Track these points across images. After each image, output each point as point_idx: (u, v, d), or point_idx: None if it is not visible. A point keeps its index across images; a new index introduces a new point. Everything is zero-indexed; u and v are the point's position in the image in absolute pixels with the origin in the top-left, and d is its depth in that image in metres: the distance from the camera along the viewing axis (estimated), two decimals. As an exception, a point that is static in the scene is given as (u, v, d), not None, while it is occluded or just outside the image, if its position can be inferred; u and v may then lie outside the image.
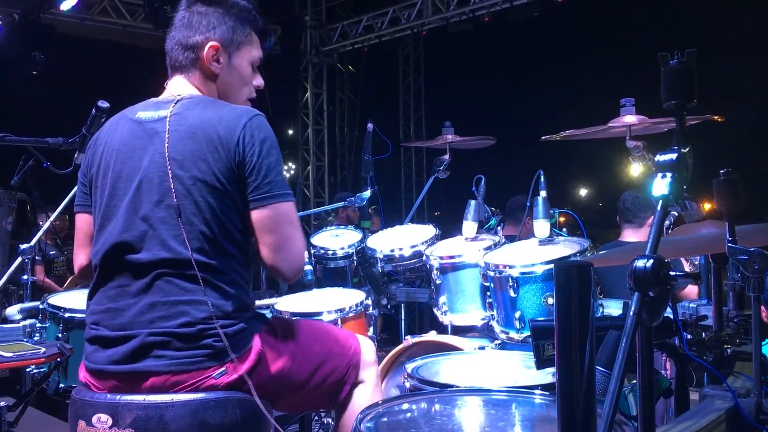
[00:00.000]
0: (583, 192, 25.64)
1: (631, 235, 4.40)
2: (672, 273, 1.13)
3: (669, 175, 1.25)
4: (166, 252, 1.91)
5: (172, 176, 1.92)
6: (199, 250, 1.90)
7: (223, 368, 1.89)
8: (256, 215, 1.96)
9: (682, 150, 1.27)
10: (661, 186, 1.25)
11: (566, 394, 1.14)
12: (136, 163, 1.98)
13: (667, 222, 3.52)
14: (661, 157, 1.27)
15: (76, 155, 2.75)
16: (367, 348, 2.33)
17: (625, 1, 12.03)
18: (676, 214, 3.53)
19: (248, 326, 1.97)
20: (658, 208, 1.23)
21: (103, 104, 2.64)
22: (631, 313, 1.14)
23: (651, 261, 1.14)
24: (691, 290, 4.13)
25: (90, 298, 2.03)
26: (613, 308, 2.85)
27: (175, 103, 2.03)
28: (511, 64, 12.86)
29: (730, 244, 1.66)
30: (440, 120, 3.88)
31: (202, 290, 1.89)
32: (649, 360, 1.17)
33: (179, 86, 2.13)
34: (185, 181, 1.92)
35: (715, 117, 3.08)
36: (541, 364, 1.93)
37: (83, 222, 2.17)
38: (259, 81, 2.25)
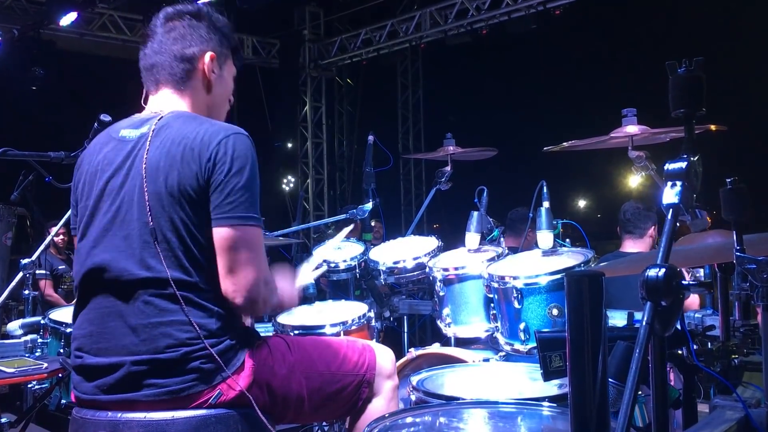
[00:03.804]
0: (581, 203, 25.66)
1: (631, 246, 4.39)
2: (684, 282, 1.12)
3: (679, 183, 1.24)
4: (146, 271, 1.87)
5: (147, 193, 1.89)
6: (177, 268, 1.87)
7: (218, 391, 1.87)
8: (216, 233, 1.90)
9: (692, 158, 1.26)
10: (670, 195, 1.24)
11: (579, 406, 1.13)
12: (117, 182, 1.96)
13: (669, 232, 3.50)
14: (670, 166, 1.27)
15: (77, 169, 2.74)
16: (384, 358, 2.29)
17: (624, 12, 12.08)
18: (678, 224, 3.52)
19: (236, 343, 1.93)
20: (669, 217, 1.22)
21: (105, 117, 2.63)
22: (644, 323, 1.12)
23: (663, 270, 1.13)
24: (693, 301, 4.12)
25: (73, 321, 2.02)
26: (617, 319, 2.82)
27: (158, 119, 2.00)
28: (510, 77, 12.90)
29: (738, 253, 1.64)
30: (439, 132, 3.88)
31: (182, 310, 1.85)
32: (662, 371, 1.15)
33: (165, 101, 2.10)
34: (160, 197, 1.89)
35: (712, 126, 3.07)
36: (548, 375, 1.92)
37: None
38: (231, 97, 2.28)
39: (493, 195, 3.21)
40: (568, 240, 2.98)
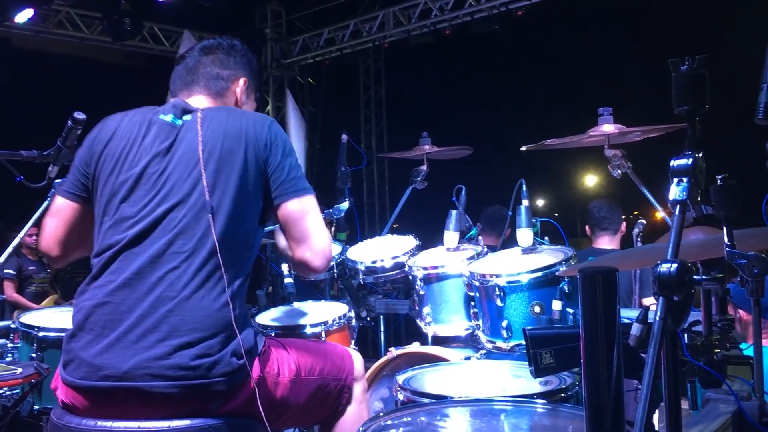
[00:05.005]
0: (540, 202, 25.99)
1: (607, 243, 4.43)
2: (697, 277, 1.13)
3: (685, 180, 1.25)
4: (188, 241, 1.88)
5: (204, 171, 1.94)
6: (220, 243, 1.89)
7: (221, 399, 1.83)
8: (282, 209, 2.04)
9: (696, 155, 1.28)
10: (677, 191, 1.25)
11: (594, 404, 1.13)
12: (163, 160, 1.98)
13: (636, 230, 3.56)
14: (675, 162, 1.28)
15: (50, 168, 2.66)
16: (358, 363, 2.34)
17: (585, 13, 12.25)
18: (645, 222, 3.58)
19: (250, 348, 1.90)
20: (677, 213, 1.23)
21: (80, 116, 2.56)
22: (658, 318, 1.13)
23: (675, 265, 1.14)
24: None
25: (83, 292, 1.93)
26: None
27: (201, 111, 2.09)
28: (474, 77, 13.00)
29: (728, 249, 1.67)
30: (402, 132, 3.89)
31: (224, 288, 1.86)
32: (674, 367, 1.16)
33: (199, 102, 2.18)
34: (214, 176, 1.94)
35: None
36: (538, 372, 1.92)
37: (70, 209, 2.10)
38: None
39: (446, 195, 3.21)
40: (546, 238, 2.99)
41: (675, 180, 1.26)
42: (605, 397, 1.12)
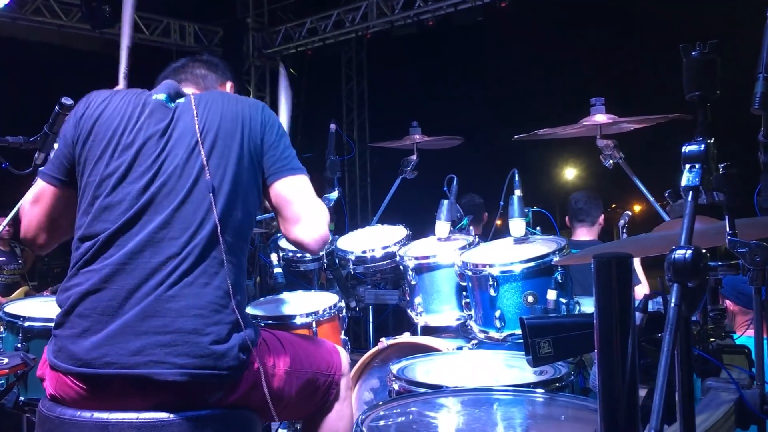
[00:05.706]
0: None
1: (585, 234, 4.44)
2: (712, 263, 1.12)
3: (697, 166, 1.24)
4: (188, 225, 1.83)
5: (204, 152, 1.91)
6: (222, 226, 1.86)
7: (221, 392, 1.81)
8: (277, 186, 2.01)
9: (708, 141, 1.26)
10: (689, 177, 1.24)
11: (608, 396, 1.11)
12: (160, 141, 1.94)
13: (622, 221, 3.57)
14: (687, 149, 1.26)
15: (36, 155, 2.60)
16: (344, 360, 2.32)
17: (568, 3, 12.26)
18: (630, 214, 3.60)
19: (252, 341, 1.87)
20: (689, 199, 1.22)
21: (67, 101, 2.50)
22: (672, 305, 1.12)
23: (690, 251, 1.13)
24: (638, 291, 4.21)
25: (73, 276, 1.86)
26: (587, 305, 2.85)
27: (194, 94, 2.07)
28: (457, 68, 12.98)
29: (730, 237, 1.66)
30: (385, 124, 3.88)
31: (219, 273, 1.83)
32: (688, 355, 1.15)
33: (189, 92, 2.15)
34: (214, 157, 1.92)
35: (678, 114, 3.13)
36: (537, 362, 1.92)
37: (52, 195, 2.04)
38: None
39: (425, 184, 3.19)
40: (539, 228, 2.99)
41: (687, 166, 1.24)
42: (619, 385, 1.10)
